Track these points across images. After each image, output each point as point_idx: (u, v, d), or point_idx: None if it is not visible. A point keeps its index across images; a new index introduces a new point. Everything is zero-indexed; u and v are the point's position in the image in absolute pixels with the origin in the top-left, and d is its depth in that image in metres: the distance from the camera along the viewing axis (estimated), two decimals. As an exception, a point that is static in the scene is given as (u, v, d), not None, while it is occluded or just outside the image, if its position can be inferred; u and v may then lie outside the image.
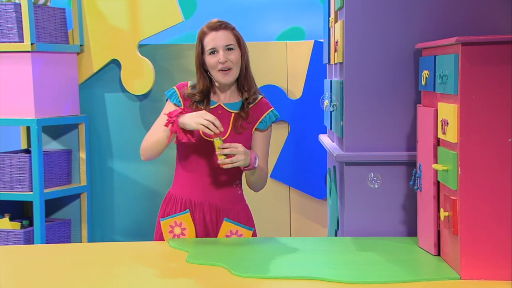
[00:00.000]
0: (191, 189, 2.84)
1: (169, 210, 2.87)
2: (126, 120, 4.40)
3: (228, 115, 2.85)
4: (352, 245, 2.65)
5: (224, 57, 2.79)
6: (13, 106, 4.11)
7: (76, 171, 4.43)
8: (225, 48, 2.80)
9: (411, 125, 2.77)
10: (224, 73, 2.80)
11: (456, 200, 2.25)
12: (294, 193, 4.29)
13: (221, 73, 2.81)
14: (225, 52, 2.80)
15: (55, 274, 2.36)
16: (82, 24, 4.37)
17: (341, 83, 2.85)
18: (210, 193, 2.84)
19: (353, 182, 2.78)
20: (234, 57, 2.81)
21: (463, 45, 2.20)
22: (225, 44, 2.80)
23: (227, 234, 2.83)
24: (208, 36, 2.82)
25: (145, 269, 2.40)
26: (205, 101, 2.85)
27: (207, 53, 2.82)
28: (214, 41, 2.80)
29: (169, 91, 2.91)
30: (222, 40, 2.80)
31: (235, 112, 2.86)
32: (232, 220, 2.85)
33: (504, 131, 2.19)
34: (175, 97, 2.87)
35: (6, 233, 4.17)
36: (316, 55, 4.16)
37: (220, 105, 2.86)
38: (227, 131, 2.82)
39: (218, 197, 2.84)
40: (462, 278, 2.23)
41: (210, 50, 2.81)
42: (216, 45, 2.80)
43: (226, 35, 2.81)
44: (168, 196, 2.91)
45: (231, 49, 2.81)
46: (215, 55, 2.81)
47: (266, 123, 2.88)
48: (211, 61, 2.81)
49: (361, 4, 2.76)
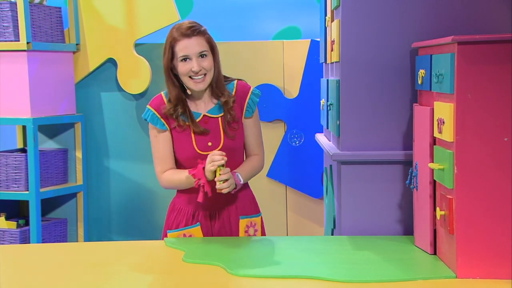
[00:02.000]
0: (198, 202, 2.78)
1: (178, 222, 2.84)
2: (122, 119, 4.40)
3: (216, 121, 2.79)
4: (349, 244, 2.65)
5: (198, 66, 2.69)
6: (9, 105, 4.10)
7: (72, 170, 4.42)
8: (198, 55, 2.70)
9: (407, 124, 2.77)
10: (196, 81, 2.71)
11: (452, 199, 2.25)
12: (291, 192, 4.30)
13: (194, 81, 2.71)
14: (198, 60, 2.70)
15: (51, 274, 2.36)
16: (78, 23, 4.37)
17: (338, 82, 2.85)
18: (219, 201, 2.81)
19: (350, 181, 2.78)
20: (208, 64, 2.71)
21: (459, 44, 2.20)
22: (199, 51, 2.70)
23: (245, 230, 2.86)
24: (180, 43, 2.70)
25: (141, 268, 2.40)
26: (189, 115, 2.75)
27: (179, 60, 2.70)
28: (187, 49, 2.69)
29: (146, 113, 2.79)
30: (195, 47, 2.69)
31: (221, 115, 2.79)
32: (246, 215, 2.87)
33: (500, 130, 2.19)
34: (157, 121, 2.77)
35: (2, 233, 4.17)
36: (312, 54, 4.16)
37: (205, 115, 2.78)
38: (220, 139, 2.78)
39: (229, 201, 2.83)
40: (458, 277, 2.23)
41: (182, 57, 2.70)
42: (189, 53, 2.69)
43: (199, 41, 2.70)
44: (174, 207, 2.88)
45: (205, 55, 2.71)
46: (187, 63, 2.70)
47: (251, 109, 2.83)
48: (183, 69, 2.70)
49: (357, 3, 2.76)
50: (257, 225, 2.90)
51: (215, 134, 2.77)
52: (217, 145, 2.76)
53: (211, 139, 2.77)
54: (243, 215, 2.85)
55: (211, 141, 2.77)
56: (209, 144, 2.77)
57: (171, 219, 2.87)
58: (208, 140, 2.77)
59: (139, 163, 4.38)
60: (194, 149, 2.75)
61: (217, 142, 2.77)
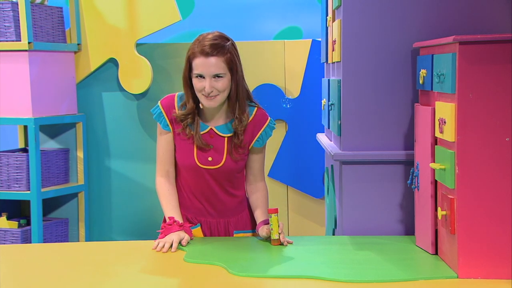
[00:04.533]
0: (197, 211, 2.80)
1: None
2: (123, 119, 4.40)
3: (221, 140, 2.73)
4: (350, 244, 2.65)
5: (210, 87, 2.62)
6: (11, 105, 4.10)
7: (74, 170, 4.43)
8: (213, 76, 2.62)
9: (408, 124, 2.77)
10: (208, 98, 2.65)
11: (454, 199, 2.25)
12: (292, 192, 4.29)
13: (205, 98, 2.65)
14: (212, 80, 2.62)
15: (52, 273, 2.36)
16: (80, 23, 4.37)
17: (339, 82, 2.85)
18: (217, 212, 2.80)
19: (351, 181, 2.78)
20: (221, 85, 2.63)
21: (461, 44, 2.20)
22: (213, 73, 2.62)
23: None
24: (197, 60, 2.63)
25: (142, 268, 2.40)
26: (196, 125, 2.71)
27: (194, 75, 2.65)
28: (202, 67, 2.62)
29: (155, 110, 2.76)
30: (211, 68, 2.61)
31: (228, 136, 2.73)
32: (241, 230, 2.85)
33: (501, 130, 2.19)
34: (161, 120, 2.75)
35: (3, 232, 4.17)
36: (313, 54, 4.16)
37: (212, 129, 2.72)
38: (223, 157, 2.72)
39: (226, 214, 2.82)
40: (459, 277, 2.23)
41: (197, 74, 2.64)
42: (203, 72, 2.62)
43: (216, 63, 2.61)
44: None
45: (220, 76, 2.63)
46: (201, 80, 2.63)
47: (262, 141, 2.77)
48: (197, 85, 2.65)
49: (358, 3, 2.76)
50: None
51: (218, 151, 2.73)
52: (218, 161, 2.72)
53: (212, 154, 2.72)
54: (237, 230, 2.84)
55: (212, 157, 2.72)
56: (209, 159, 2.72)
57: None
58: (209, 155, 2.73)
59: (140, 163, 4.38)
60: (194, 161, 2.73)
61: (218, 159, 2.72)
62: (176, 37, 4.50)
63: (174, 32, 4.47)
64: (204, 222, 2.82)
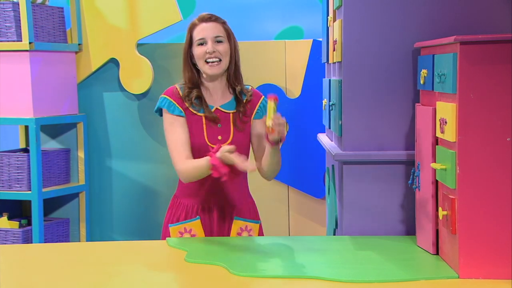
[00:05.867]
0: (198, 195, 2.83)
1: (178, 216, 2.86)
2: (124, 119, 4.40)
3: (227, 116, 2.84)
4: (351, 244, 2.65)
5: (212, 47, 2.78)
6: (12, 105, 4.10)
7: (75, 170, 4.43)
8: (214, 39, 2.80)
9: (409, 124, 2.77)
10: (211, 65, 2.79)
11: (455, 199, 2.25)
12: (293, 192, 4.29)
13: (209, 65, 2.79)
14: (214, 44, 2.79)
15: (53, 274, 2.36)
16: (81, 23, 4.37)
17: (340, 82, 2.85)
18: (219, 197, 2.83)
19: (352, 181, 2.78)
20: (223, 49, 2.79)
21: (462, 44, 2.20)
22: (214, 35, 2.80)
23: (238, 232, 2.86)
24: (198, 27, 2.82)
25: (143, 268, 2.40)
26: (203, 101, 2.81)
27: (196, 44, 2.81)
28: (204, 31, 2.80)
29: (162, 103, 2.82)
30: (211, 31, 2.80)
31: (233, 111, 2.85)
32: (241, 217, 2.87)
33: (502, 130, 2.19)
34: (174, 108, 2.80)
35: (4, 232, 4.17)
36: (314, 54, 4.16)
37: (217, 108, 2.84)
38: (230, 132, 2.82)
39: (227, 199, 2.84)
40: (460, 277, 2.23)
41: (199, 41, 2.80)
42: (205, 36, 2.80)
43: (216, 26, 2.82)
44: (175, 201, 2.90)
45: (220, 41, 2.81)
46: (203, 46, 2.80)
47: (261, 112, 2.88)
48: (199, 51, 2.80)
49: (359, 3, 2.76)
50: (253, 231, 2.89)
51: (226, 128, 2.82)
52: (226, 138, 2.80)
53: (221, 133, 2.81)
54: (238, 216, 2.85)
55: (221, 135, 2.81)
56: (219, 137, 2.80)
57: (171, 213, 2.89)
58: (218, 134, 2.81)
59: (141, 163, 4.38)
60: (204, 140, 2.78)
61: (227, 136, 2.80)
62: (177, 37, 4.50)
63: (175, 32, 4.47)
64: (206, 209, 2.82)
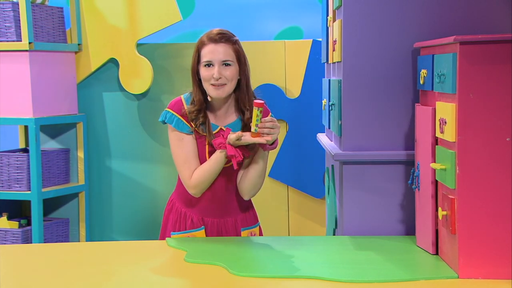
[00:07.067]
0: (203, 209, 2.80)
1: (180, 225, 2.82)
2: (124, 119, 4.40)
3: None
4: (350, 244, 2.65)
5: (218, 73, 2.64)
6: (11, 105, 4.10)
7: (74, 170, 4.43)
8: (222, 63, 2.66)
9: (409, 124, 2.77)
10: (216, 87, 2.66)
11: (454, 199, 2.25)
12: (293, 192, 4.30)
13: (213, 88, 2.66)
14: (221, 68, 2.65)
15: (53, 274, 2.36)
16: (80, 23, 4.37)
17: (339, 82, 2.85)
18: (223, 211, 2.81)
19: (351, 181, 2.78)
20: (230, 74, 2.66)
21: (461, 44, 2.20)
22: (222, 60, 2.66)
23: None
24: (206, 48, 2.67)
25: (143, 268, 2.40)
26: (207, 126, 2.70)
27: (202, 65, 2.68)
28: (211, 54, 2.66)
29: (170, 119, 2.72)
30: (219, 55, 2.66)
31: None
32: (247, 227, 2.86)
33: (502, 130, 2.19)
34: (183, 126, 2.71)
35: (4, 232, 4.17)
36: (314, 54, 4.16)
37: (222, 128, 2.74)
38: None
39: (232, 212, 2.82)
40: (460, 277, 2.23)
41: (206, 62, 2.67)
42: (213, 59, 2.66)
43: (225, 49, 2.67)
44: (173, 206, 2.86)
45: (228, 64, 2.67)
46: (210, 68, 2.66)
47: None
48: (205, 74, 2.67)
49: (359, 3, 2.76)
50: (255, 235, 2.90)
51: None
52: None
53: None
54: (244, 227, 2.86)
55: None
56: None
57: (172, 220, 2.86)
58: None
59: (141, 163, 4.38)
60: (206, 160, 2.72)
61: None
62: (176, 37, 4.50)
63: (174, 32, 4.47)
64: (211, 223, 2.82)
